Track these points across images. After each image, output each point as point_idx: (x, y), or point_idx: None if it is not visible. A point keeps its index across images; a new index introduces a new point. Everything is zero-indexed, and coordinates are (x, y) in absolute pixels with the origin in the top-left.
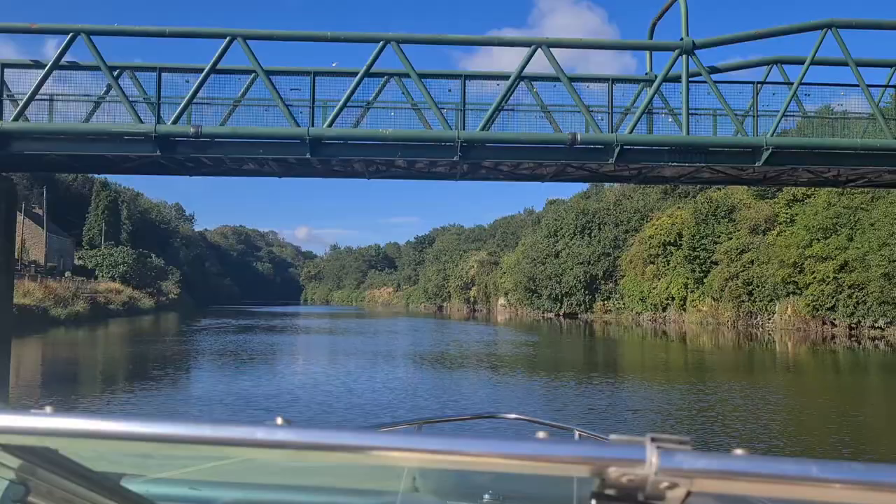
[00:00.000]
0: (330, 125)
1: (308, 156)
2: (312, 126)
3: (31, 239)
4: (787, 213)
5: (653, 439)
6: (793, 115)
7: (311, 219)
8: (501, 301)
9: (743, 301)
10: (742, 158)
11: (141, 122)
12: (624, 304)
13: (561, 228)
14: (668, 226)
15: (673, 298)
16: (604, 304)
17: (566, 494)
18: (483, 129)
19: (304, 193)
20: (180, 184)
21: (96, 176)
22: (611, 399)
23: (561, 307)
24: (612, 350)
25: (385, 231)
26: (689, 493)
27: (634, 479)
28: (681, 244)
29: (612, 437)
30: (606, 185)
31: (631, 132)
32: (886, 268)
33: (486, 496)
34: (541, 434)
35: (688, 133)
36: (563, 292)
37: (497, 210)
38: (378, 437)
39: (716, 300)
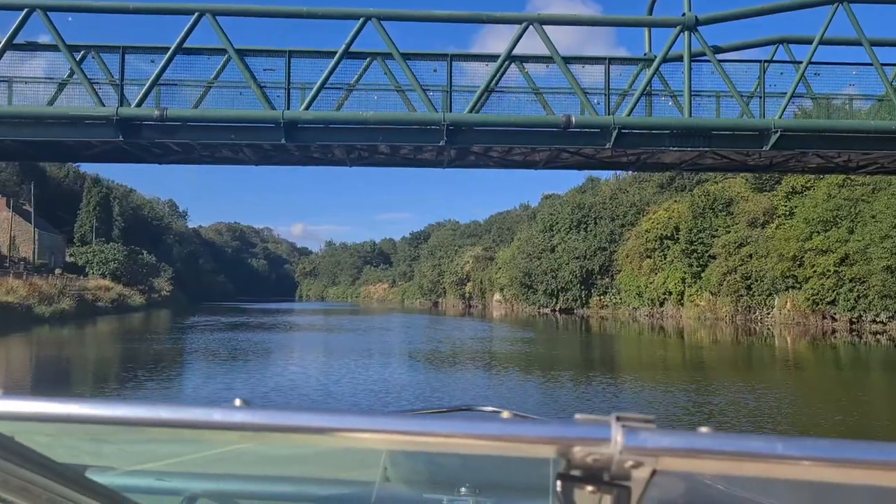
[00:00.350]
0: (307, 108)
1: (283, 141)
2: (288, 109)
3: (21, 236)
4: (786, 206)
5: (618, 418)
6: (802, 97)
7: (307, 215)
8: (497, 297)
9: (741, 295)
10: (748, 143)
11: (103, 104)
12: (620, 299)
13: (557, 223)
14: (665, 219)
15: (670, 293)
16: (600, 300)
17: (543, 484)
18: (471, 111)
19: (299, 189)
20: (174, 180)
21: (88, 171)
22: (609, 400)
23: (557, 302)
24: (609, 346)
25: (380, 227)
26: (654, 472)
27: (600, 459)
28: (678, 238)
29: (578, 416)
30: (602, 178)
31: (629, 115)
32: (888, 260)
33: (463, 489)
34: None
35: (690, 115)
36: (559, 287)
37: (492, 205)
38: (341, 419)
39: (714, 295)
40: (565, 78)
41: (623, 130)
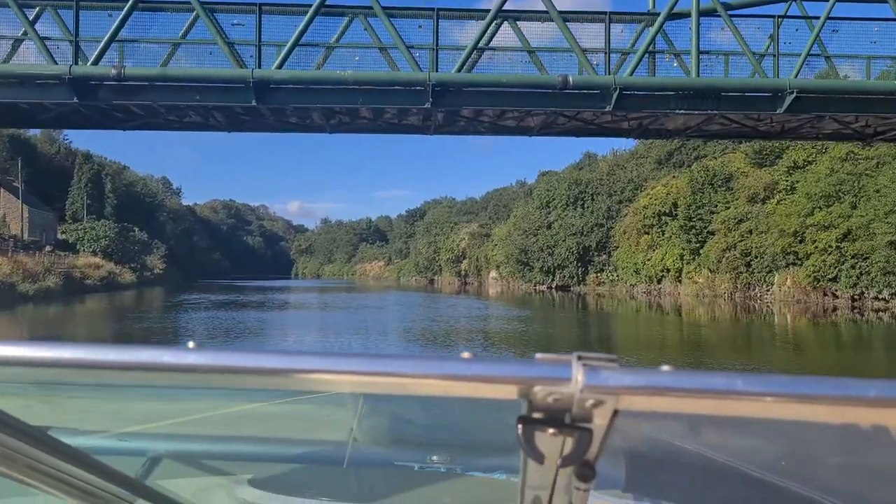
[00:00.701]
0: (280, 66)
1: (254, 103)
2: (259, 67)
3: (11, 213)
4: (787, 181)
5: (579, 357)
6: (817, 57)
7: (303, 193)
8: (493, 274)
9: (741, 272)
10: (760, 105)
11: (55, 63)
12: (618, 276)
13: (553, 199)
14: (664, 195)
15: (668, 270)
16: (597, 277)
17: (515, 445)
18: (459, 71)
19: (296, 167)
20: (168, 157)
21: (80, 148)
22: None
23: (553, 280)
24: (607, 325)
25: (377, 205)
26: (616, 413)
27: (560, 398)
28: (676, 214)
29: (539, 356)
30: (600, 155)
31: (631, 74)
32: (892, 236)
33: (435, 456)
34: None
35: (697, 75)
36: (556, 264)
37: (489, 183)
38: (298, 360)
39: (712, 272)
40: (563, 36)
41: (625, 92)
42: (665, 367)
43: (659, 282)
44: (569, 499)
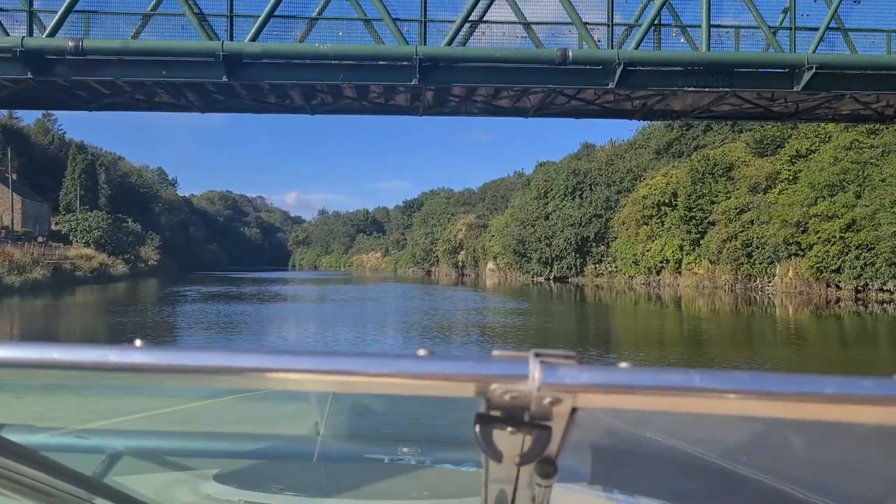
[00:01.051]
0: (253, 39)
1: (226, 79)
2: (231, 40)
3: (3, 204)
4: (789, 170)
5: (536, 354)
6: (836, 31)
7: (301, 184)
8: (490, 265)
9: (742, 263)
10: (776, 82)
11: (7, 34)
12: (616, 267)
13: (551, 189)
14: (663, 185)
15: (667, 261)
16: (595, 268)
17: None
18: (449, 44)
19: (293, 158)
20: (165, 148)
21: (74, 138)
22: None
23: (551, 271)
24: (605, 319)
25: (374, 196)
26: (574, 410)
27: (518, 396)
28: (676, 204)
29: (496, 353)
30: (598, 145)
31: (636, 48)
32: None
33: (405, 448)
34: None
35: (708, 49)
36: (554, 255)
37: (487, 174)
38: (246, 358)
39: (713, 262)
40: (562, 7)
41: (629, 67)
42: (623, 364)
43: (658, 273)
44: (532, 494)
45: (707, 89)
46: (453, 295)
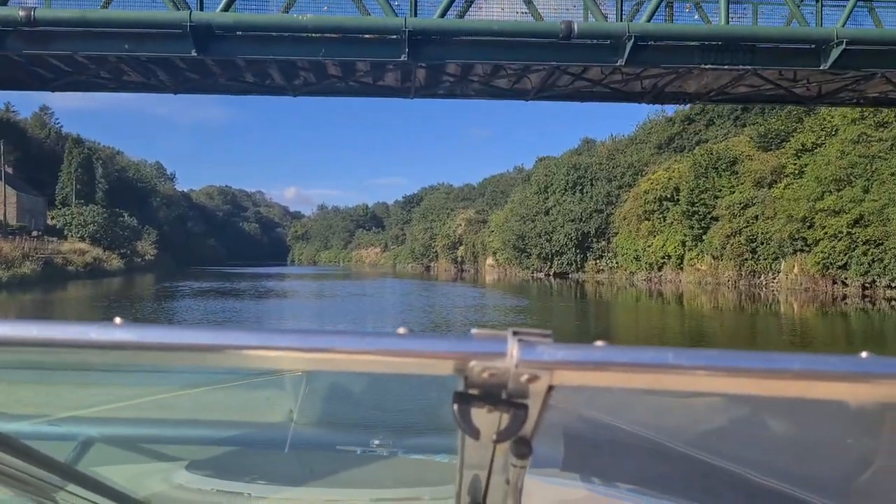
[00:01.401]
0: (226, 9)
1: (194, 53)
2: (201, 10)
3: None
4: (795, 165)
5: (514, 332)
6: (863, 5)
7: (300, 179)
8: (490, 261)
9: (745, 259)
10: (801, 60)
11: None
12: (617, 262)
13: (551, 185)
14: (665, 180)
15: (669, 257)
16: (596, 263)
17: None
18: (442, 16)
19: (293, 153)
20: (164, 143)
21: (70, 132)
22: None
23: (551, 267)
24: (606, 316)
25: (374, 191)
26: (551, 388)
27: (496, 374)
28: (678, 199)
29: (475, 331)
30: (598, 140)
31: (649, 20)
32: None
33: (376, 440)
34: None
35: (727, 23)
36: (554, 251)
37: (486, 169)
38: (229, 336)
39: (715, 258)
40: None
41: (640, 42)
42: (599, 343)
43: (660, 269)
44: (506, 477)
45: (726, 67)
46: (452, 291)
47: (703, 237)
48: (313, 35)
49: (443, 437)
